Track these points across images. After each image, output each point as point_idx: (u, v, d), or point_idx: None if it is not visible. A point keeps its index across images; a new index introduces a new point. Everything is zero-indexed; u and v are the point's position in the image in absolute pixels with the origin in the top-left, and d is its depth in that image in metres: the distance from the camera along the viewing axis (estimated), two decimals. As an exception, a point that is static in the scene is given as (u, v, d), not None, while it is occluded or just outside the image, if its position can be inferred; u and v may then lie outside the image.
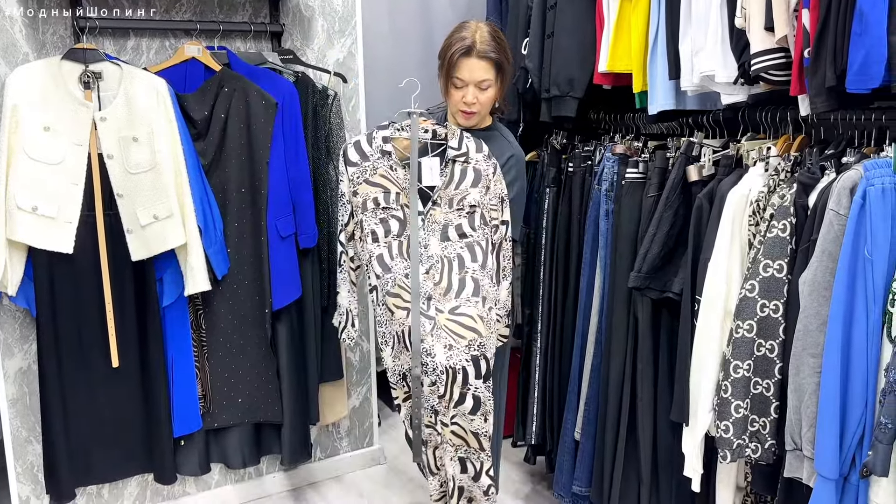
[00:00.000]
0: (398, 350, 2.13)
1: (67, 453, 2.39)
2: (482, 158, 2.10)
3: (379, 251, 2.10)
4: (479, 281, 2.07)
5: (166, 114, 2.31)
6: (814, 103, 1.73)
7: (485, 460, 2.17)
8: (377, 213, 2.09)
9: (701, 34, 2.04)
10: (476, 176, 2.09)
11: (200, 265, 2.38)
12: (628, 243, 2.28)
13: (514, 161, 2.20)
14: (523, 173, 2.25)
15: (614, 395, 2.33)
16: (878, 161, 1.66)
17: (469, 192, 2.09)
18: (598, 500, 2.44)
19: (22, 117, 2.18)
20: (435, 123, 2.12)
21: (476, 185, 2.09)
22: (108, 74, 2.27)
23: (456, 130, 2.11)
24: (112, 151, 2.26)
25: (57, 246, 2.22)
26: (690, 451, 2.05)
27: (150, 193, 2.29)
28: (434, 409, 2.12)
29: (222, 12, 2.61)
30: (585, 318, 2.50)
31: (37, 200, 2.19)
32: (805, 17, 1.71)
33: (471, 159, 2.10)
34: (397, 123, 2.12)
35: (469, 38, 2.06)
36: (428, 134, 2.10)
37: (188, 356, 2.50)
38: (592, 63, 2.46)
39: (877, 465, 1.58)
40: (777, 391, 1.85)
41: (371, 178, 2.10)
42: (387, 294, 2.09)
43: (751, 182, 1.95)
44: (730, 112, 2.16)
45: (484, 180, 2.10)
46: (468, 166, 2.09)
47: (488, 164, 2.11)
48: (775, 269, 1.82)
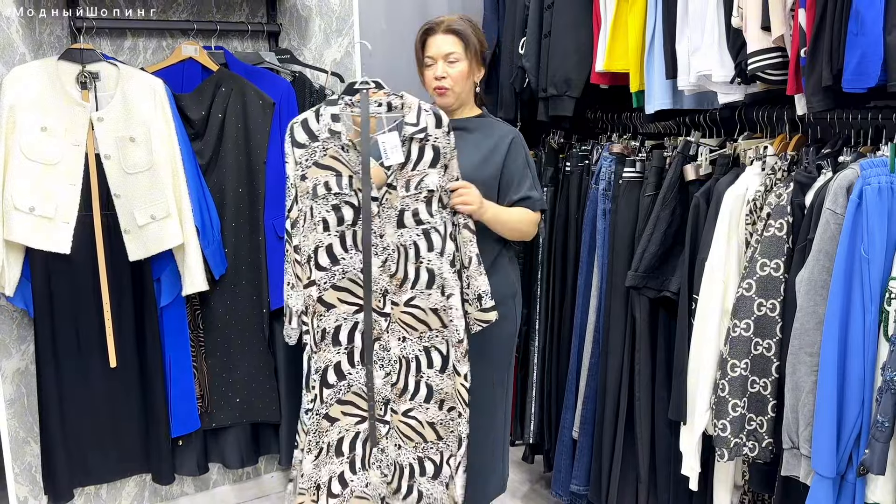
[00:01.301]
0: (325, 345, 1.98)
1: (65, 454, 2.38)
2: (442, 135, 1.95)
3: (329, 241, 1.93)
4: (436, 270, 1.97)
5: (163, 114, 2.31)
6: (810, 102, 1.73)
7: (450, 456, 2.06)
8: (328, 200, 1.91)
9: (698, 34, 2.04)
10: (435, 155, 1.94)
11: (198, 265, 2.37)
12: (626, 242, 2.28)
13: (520, 139, 2.20)
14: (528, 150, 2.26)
15: (612, 394, 2.34)
16: (874, 160, 1.66)
17: (427, 174, 1.94)
18: (596, 499, 2.44)
19: (19, 118, 2.17)
20: (389, 94, 1.96)
21: (435, 166, 1.94)
22: (105, 75, 2.26)
23: (413, 103, 1.94)
24: (109, 152, 2.26)
25: (54, 246, 2.22)
26: (688, 449, 2.05)
27: (148, 194, 2.29)
28: (386, 400, 2.02)
29: (219, 12, 2.61)
30: (583, 317, 2.50)
31: (34, 201, 2.19)
32: (801, 16, 1.71)
33: (430, 136, 1.94)
34: (347, 98, 1.95)
35: (434, 21, 2.15)
36: (382, 108, 1.93)
37: (186, 356, 2.50)
38: (589, 62, 2.46)
39: (873, 463, 1.58)
40: (774, 390, 1.85)
41: (321, 160, 1.91)
42: (332, 287, 1.95)
43: (748, 181, 1.96)
44: (727, 111, 2.16)
45: (443, 159, 1.96)
46: (427, 144, 1.94)
47: (448, 142, 1.96)
48: (772, 269, 1.82)
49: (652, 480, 2.27)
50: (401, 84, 3.31)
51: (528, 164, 2.18)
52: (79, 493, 2.57)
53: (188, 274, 2.37)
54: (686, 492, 2.14)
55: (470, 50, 2.12)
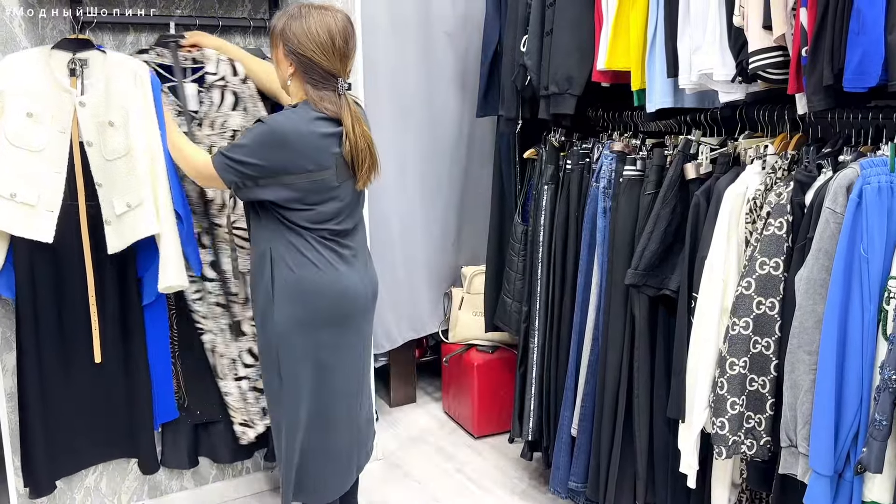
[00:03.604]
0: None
1: (46, 446, 2.36)
2: (239, 82, 2.31)
3: None
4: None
5: (143, 98, 2.24)
6: (811, 102, 1.74)
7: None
8: None
9: (699, 32, 2.05)
10: (235, 99, 2.31)
11: (174, 256, 2.26)
12: (626, 241, 2.29)
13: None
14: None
15: (611, 392, 2.34)
16: (874, 160, 1.67)
17: (230, 115, 2.32)
18: (594, 496, 2.45)
19: (7, 103, 2.15)
20: (189, 49, 2.33)
21: (235, 109, 2.32)
22: (93, 62, 2.23)
23: (212, 55, 2.30)
24: (91, 138, 2.22)
25: (36, 234, 2.18)
26: (686, 447, 2.06)
27: (125, 180, 2.23)
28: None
29: (222, 8, 2.61)
30: (583, 314, 2.51)
31: (16, 187, 2.15)
32: (803, 15, 1.72)
33: (228, 83, 2.31)
34: (158, 49, 2.33)
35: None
36: (188, 60, 2.32)
37: (165, 348, 2.49)
38: (591, 61, 2.47)
39: (871, 461, 1.59)
40: (773, 388, 1.86)
41: None
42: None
43: (748, 180, 1.96)
44: (728, 110, 2.17)
45: (242, 102, 2.32)
46: (226, 90, 2.32)
47: (246, 87, 2.31)
48: (772, 267, 1.83)
49: (650, 478, 2.28)
50: (403, 80, 3.33)
51: (249, 140, 2.00)
52: (78, 487, 2.57)
53: (162, 266, 2.25)
54: (684, 489, 2.14)
55: (274, 37, 2.04)
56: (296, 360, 2.08)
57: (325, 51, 1.96)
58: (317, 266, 2.04)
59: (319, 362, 2.09)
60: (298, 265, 2.03)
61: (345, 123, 2.00)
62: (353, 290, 2.10)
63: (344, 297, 2.09)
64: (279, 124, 1.97)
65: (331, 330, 2.09)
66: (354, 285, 2.11)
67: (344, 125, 2.00)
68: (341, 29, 1.99)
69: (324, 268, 2.05)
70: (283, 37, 1.99)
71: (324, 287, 2.05)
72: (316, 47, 1.96)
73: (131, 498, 2.68)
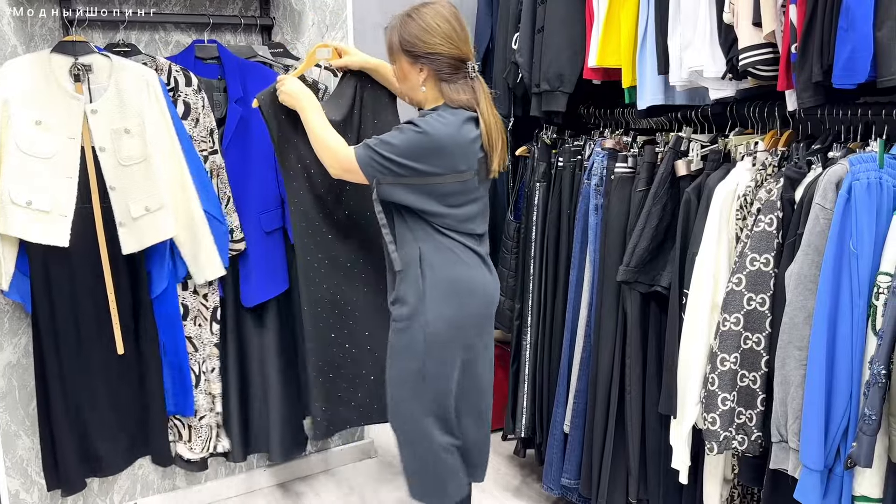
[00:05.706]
0: None
1: (74, 445, 2.39)
2: (192, 92, 2.38)
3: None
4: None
5: (158, 104, 2.29)
6: (801, 98, 1.74)
7: None
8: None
9: (689, 29, 2.05)
10: (186, 109, 2.38)
11: (211, 248, 2.38)
12: (617, 237, 2.29)
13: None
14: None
15: (603, 389, 2.35)
16: (863, 156, 1.68)
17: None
18: (586, 493, 2.45)
19: (13, 112, 2.16)
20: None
21: (186, 118, 2.38)
22: (97, 67, 2.26)
23: (164, 65, 2.36)
24: (104, 144, 2.25)
25: (52, 240, 2.21)
26: (678, 443, 2.06)
27: (143, 185, 2.28)
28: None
29: (212, 5, 2.60)
30: (575, 311, 2.51)
31: (31, 195, 2.18)
32: (792, 12, 1.72)
33: (180, 93, 2.37)
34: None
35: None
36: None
37: (181, 341, 2.50)
38: (582, 58, 2.47)
39: (861, 456, 1.60)
40: (763, 384, 1.87)
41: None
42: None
43: (738, 177, 1.97)
44: (718, 107, 2.17)
45: (193, 113, 2.38)
46: (178, 99, 2.38)
47: (197, 98, 2.37)
48: (762, 263, 1.83)
49: (642, 474, 2.29)
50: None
51: (400, 141, 1.98)
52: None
53: (205, 256, 2.38)
54: (676, 485, 2.15)
55: (394, 53, 2.05)
56: (444, 359, 2.08)
57: (449, 39, 1.97)
58: (469, 266, 2.06)
59: (465, 361, 2.12)
60: (451, 265, 2.04)
61: (480, 109, 2.01)
62: (493, 292, 2.15)
63: (490, 298, 2.13)
64: (435, 131, 1.94)
65: (476, 330, 2.11)
66: (496, 288, 2.16)
67: (479, 111, 2.01)
68: (454, 14, 2.01)
69: (474, 269, 2.08)
70: (404, 47, 1.99)
71: (476, 287, 2.08)
72: (441, 39, 1.97)
73: (123, 497, 2.67)
